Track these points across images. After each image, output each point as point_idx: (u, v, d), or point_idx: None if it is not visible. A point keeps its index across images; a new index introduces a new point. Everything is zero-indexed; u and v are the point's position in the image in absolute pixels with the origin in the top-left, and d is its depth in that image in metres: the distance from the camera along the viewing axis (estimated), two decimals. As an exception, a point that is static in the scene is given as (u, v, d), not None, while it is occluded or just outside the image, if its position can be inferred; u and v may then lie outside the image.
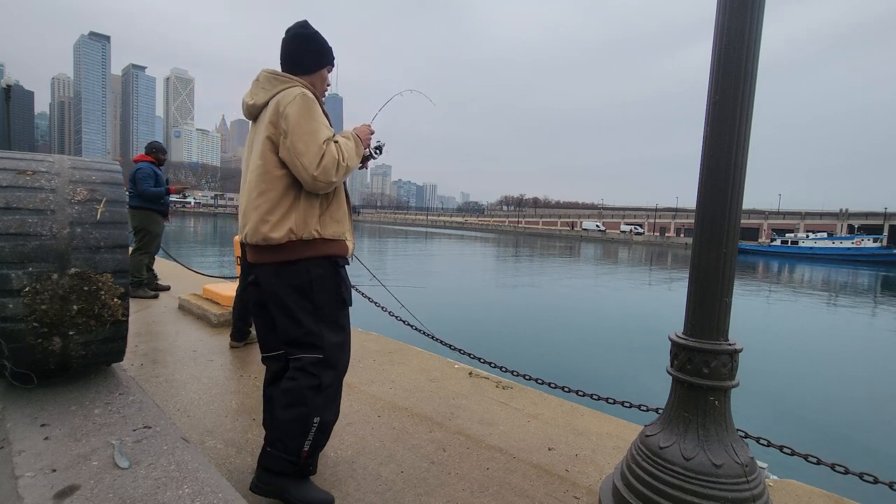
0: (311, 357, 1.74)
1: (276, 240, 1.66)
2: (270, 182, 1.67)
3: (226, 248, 25.42)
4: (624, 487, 1.61)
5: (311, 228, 1.70)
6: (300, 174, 1.64)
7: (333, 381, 1.77)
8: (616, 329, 11.80)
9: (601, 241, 71.35)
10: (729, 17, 1.45)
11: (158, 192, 5.38)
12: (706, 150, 1.51)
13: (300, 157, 1.62)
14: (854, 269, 37.08)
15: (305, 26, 1.86)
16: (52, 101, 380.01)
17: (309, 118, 1.65)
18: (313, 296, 1.74)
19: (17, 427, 1.67)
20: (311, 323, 1.74)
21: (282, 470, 1.72)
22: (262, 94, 1.77)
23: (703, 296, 1.53)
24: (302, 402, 1.71)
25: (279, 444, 1.71)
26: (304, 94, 1.70)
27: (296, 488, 1.73)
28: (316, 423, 1.71)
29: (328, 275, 1.77)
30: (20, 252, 1.81)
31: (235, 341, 3.69)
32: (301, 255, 1.71)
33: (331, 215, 1.77)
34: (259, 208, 1.67)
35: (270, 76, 1.79)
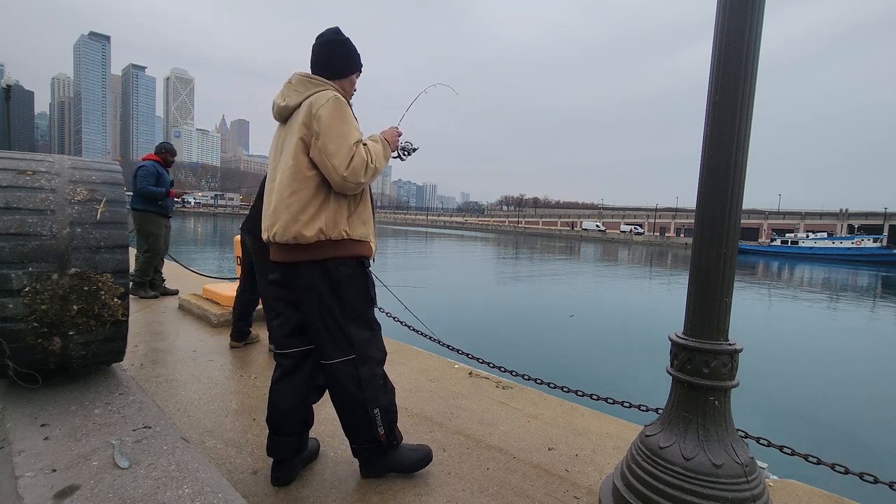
0: (346, 359, 1.81)
1: (308, 238, 1.70)
2: (302, 182, 1.72)
3: (226, 249, 25.41)
4: (624, 487, 1.61)
5: (341, 229, 1.75)
6: (330, 175, 1.69)
7: (372, 372, 1.85)
8: (616, 329, 11.81)
9: (601, 241, 71.35)
10: (729, 17, 1.45)
11: (157, 191, 5.28)
12: (706, 150, 1.51)
13: (331, 157, 1.67)
14: (854, 269, 37.08)
15: (338, 33, 1.92)
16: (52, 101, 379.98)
17: (341, 121, 1.70)
18: (343, 295, 1.79)
19: (17, 427, 1.67)
20: (341, 323, 1.80)
21: (373, 456, 1.91)
22: (294, 97, 1.81)
23: (703, 296, 1.53)
24: (355, 402, 1.83)
25: (358, 439, 1.89)
26: (337, 97, 1.75)
27: (394, 460, 1.93)
28: (376, 412, 1.84)
29: (357, 274, 1.82)
30: (20, 252, 1.81)
31: (235, 341, 3.69)
32: (330, 254, 1.75)
33: (358, 216, 1.82)
34: (290, 207, 1.71)
35: (303, 79, 1.83)
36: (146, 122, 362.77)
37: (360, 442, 1.90)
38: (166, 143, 5.71)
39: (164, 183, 5.38)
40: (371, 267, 1.94)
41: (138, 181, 5.21)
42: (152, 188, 5.25)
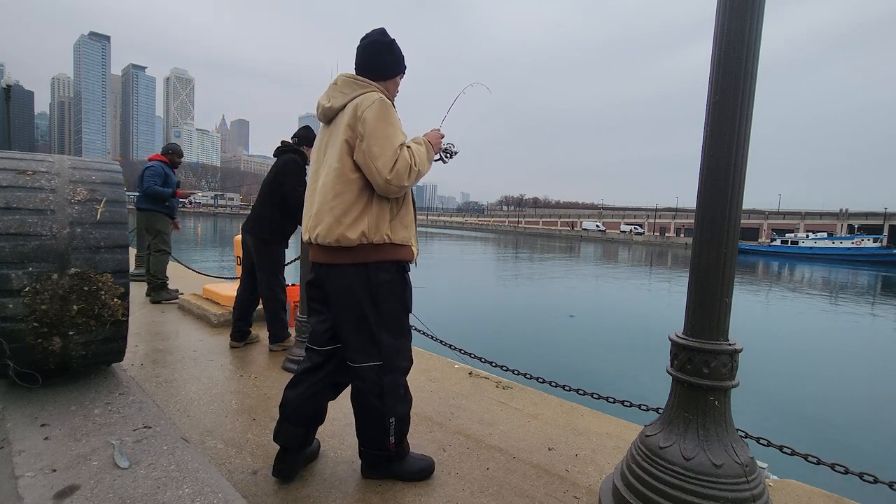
0: (372, 365, 1.82)
1: (351, 241, 1.71)
2: (346, 185, 1.72)
3: (226, 249, 25.41)
4: (624, 487, 1.61)
5: (383, 232, 1.75)
6: (374, 177, 1.69)
7: (396, 381, 1.86)
8: (616, 329, 11.81)
9: (601, 241, 71.37)
10: (729, 17, 1.45)
11: (164, 192, 5.25)
12: (706, 150, 1.51)
13: (375, 160, 1.67)
14: (854, 269, 37.07)
15: (384, 34, 1.92)
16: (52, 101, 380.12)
17: (385, 123, 1.70)
18: (379, 300, 1.79)
19: (17, 427, 1.67)
20: (373, 328, 1.80)
21: (378, 462, 1.92)
22: (339, 98, 1.81)
23: (703, 296, 1.53)
24: (372, 409, 1.84)
25: (368, 444, 1.90)
26: (382, 99, 1.75)
27: (399, 467, 1.93)
28: (392, 422, 1.85)
29: (396, 279, 1.82)
30: (20, 252, 1.81)
31: (235, 341, 3.69)
32: (371, 258, 1.76)
33: (401, 220, 1.82)
34: (334, 210, 1.72)
35: (349, 80, 1.83)
36: (146, 122, 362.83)
37: (369, 446, 1.91)
38: (173, 144, 5.71)
39: (170, 184, 5.36)
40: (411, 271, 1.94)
41: (146, 181, 5.17)
42: (159, 188, 5.22)
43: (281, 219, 3.50)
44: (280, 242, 3.57)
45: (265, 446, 2.18)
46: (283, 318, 3.64)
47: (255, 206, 3.61)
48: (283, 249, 3.64)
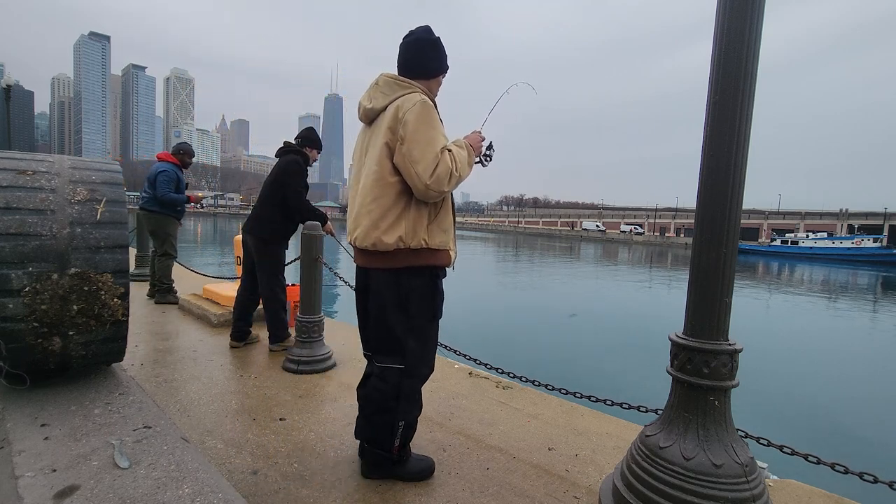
0: (394, 367, 1.83)
1: (387, 246, 1.70)
2: (384, 188, 1.70)
3: (226, 249, 25.41)
4: (624, 487, 1.61)
5: (420, 237, 1.74)
6: (413, 182, 1.66)
7: (413, 387, 1.88)
8: (616, 329, 11.81)
9: (601, 241, 71.37)
10: (729, 17, 1.45)
11: (179, 198, 5.18)
12: (706, 150, 1.51)
13: (415, 164, 1.64)
14: (854, 269, 37.07)
15: (430, 32, 1.89)
16: (52, 101, 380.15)
17: (427, 126, 1.67)
18: (409, 305, 1.80)
19: (17, 427, 1.67)
20: (400, 332, 1.81)
21: (380, 462, 1.91)
22: (381, 99, 1.78)
23: (703, 296, 1.53)
24: (386, 409, 1.84)
25: (373, 442, 1.90)
26: (424, 101, 1.72)
27: (400, 469, 1.94)
28: (401, 425, 1.87)
29: (427, 286, 1.82)
30: (20, 252, 1.81)
31: (235, 341, 3.69)
32: (406, 263, 1.76)
33: (438, 224, 1.80)
34: (371, 214, 1.71)
35: (391, 80, 1.81)
36: (146, 122, 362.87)
37: (373, 445, 1.91)
38: (185, 143, 5.55)
39: (182, 188, 5.29)
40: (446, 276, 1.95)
41: (160, 188, 5.04)
42: (175, 196, 5.14)
43: (281, 219, 3.50)
44: (280, 243, 3.56)
45: (265, 446, 2.18)
46: (284, 318, 3.64)
47: (256, 206, 3.61)
48: (283, 250, 3.64)
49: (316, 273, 3.29)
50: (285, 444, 2.21)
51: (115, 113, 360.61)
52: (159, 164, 5.22)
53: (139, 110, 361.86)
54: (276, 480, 1.91)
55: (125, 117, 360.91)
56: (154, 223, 5.21)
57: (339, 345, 3.84)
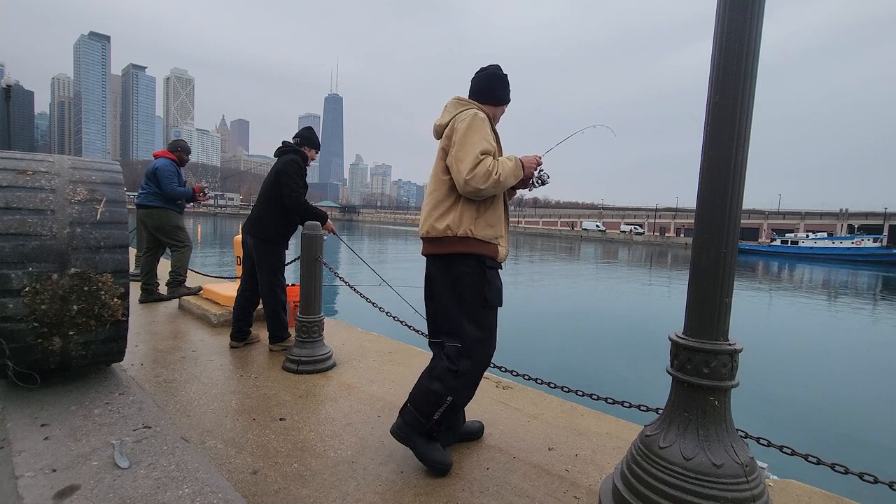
0: (453, 345, 1.99)
1: (437, 231, 1.97)
2: (438, 184, 2.02)
3: (226, 248, 25.41)
4: (624, 487, 1.61)
5: (466, 227, 1.95)
6: (455, 177, 1.92)
7: (470, 370, 1.99)
8: (616, 329, 11.81)
9: (601, 241, 71.34)
10: (729, 17, 1.45)
11: (185, 192, 5.16)
12: (706, 150, 1.51)
13: (459, 162, 1.90)
14: (854, 269, 37.06)
15: (500, 69, 2.19)
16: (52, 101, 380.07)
17: (473, 132, 1.92)
18: (460, 290, 1.98)
19: (17, 427, 1.67)
20: (456, 314, 1.99)
21: (412, 423, 2.00)
22: (447, 116, 2.08)
23: (702, 296, 1.53)
24: (440, 380, 1.97)
25: (416, 403, 2.00)
26: (477, 113, 1.99)
27: (422, 445, 2.02)
28: (448, 401, 1.96)
29: (474, 273, 1.98)
30: (20, 252, 1.81)
31: (235, 341, 3.69)
32: (453, 249, 1.97)
33: (486, 220, 1.99)
34: (428, 205, 2.04)
35: (456, 101, 2.12)
36: (146, 122, 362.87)
37: (415, 406, 2.01)
38: (182, 140, 5.53)
39: (182, 183, 5.26)
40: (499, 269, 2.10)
41: (164, 182, 5.01)
42: (181, 189, 5.13)
43: (280, 219, 3.50)
44: (280, 243, 3.56)
45: (265, 446, 2.18)
46: (283, 318, 3.64)
47: (255, 206, 3.61)
48: (283, 250, 3.63)
49: (316, 273, 3.29)
50: (285, 444, 2.21)
51: (115, 113, 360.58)
52: (158, 160, 5.18)
53: (139, 110, 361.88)
54: (276, 480, 1.91)
55: (125, 117, 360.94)
56: (157, 219, 5.13)
57: (339, 345, 3.84)
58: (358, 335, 4.26)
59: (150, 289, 5.20)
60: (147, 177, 5.13)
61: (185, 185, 5.34)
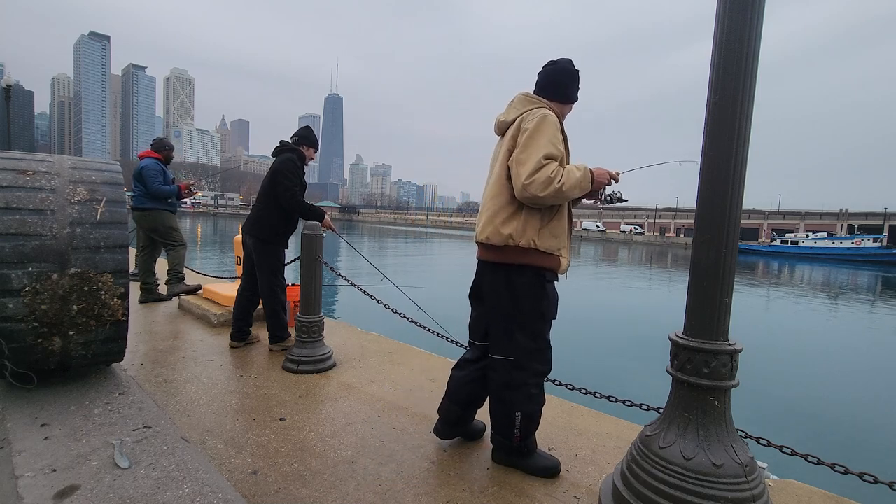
0: (504, 359, 1.95)
1: (498, 240, 1.87)
2: (502, 188, 1.89)
3: (226, 248, 25.40)
4: (624, 487, 1.61)
5: (529, 238, 1.85)
6: (514, 181, 1.82)
7: (526, 380, 1.95)
8: (616, 329, 11.81)
9: (601, 240, 71.33)
10: (729, 17, 1.45)
11: (170, 190, 5.15)
12: (706, 150, 1.51)
13: (519, 165, 1.79)
14: (854, 269, 37.06)
15: (571, 63, 2.07)
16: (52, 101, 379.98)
17: (540, 134, 1.81)
18: (517, 302, 1.91)
19: (17, 427, 1.67)
20: (508, 326, 1.94)
21: (503, 448, 2.04)
22: (513, 113, 1.97)
23: (702, 296, 1.53)
24: (501, 400, 1.98)
25: (497, 430, 2.04)
26: (547, 114, 1.86)
27: (523, 462, 2.03)
28: (517, 416, 1.95)
29: (533, 285, 1.90)
30: (20, 252, 1.81)
31: (235, 341, 3.69)
32: (514, 260, 1.88)
33: (550, 230, 1.89)
34: (489, 210, 1.91)
35: (524, 98, 2.00)
36: (146, 122, 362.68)
37: (497, 432, 2.04)
38: (165, 139, 5.53)
39: (168, 180, 5.25)
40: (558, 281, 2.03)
41: (149, 182, 5.01)
42: (166, 187, 5.12)
43: (279, 219, 3.50)
44: (279, 242, 3.56)
45: (265, 446, 2.18)
46: (283, 318, 3.64)
47: (255, 206, 3.61)
48: (282, 249, 3.63)
49: (316, 273, 3.29)
50: (285, 444, 2.21)
51: (115, 113, 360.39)
52: (143, 160, 5.18)
53: (139, 110, 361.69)
54: (276, 480, 1.91)
55: (125, 117, 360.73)
56: (152, 220, 5.14)
57: (339, 345, 3.84)
58: (358, 335, 4.26)
59: (149, 288, 5.21)
60: (135, 178, 5.12)
61: (172, 182, 5.33)
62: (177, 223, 5.35)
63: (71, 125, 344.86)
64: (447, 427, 2.22)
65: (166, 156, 5.35)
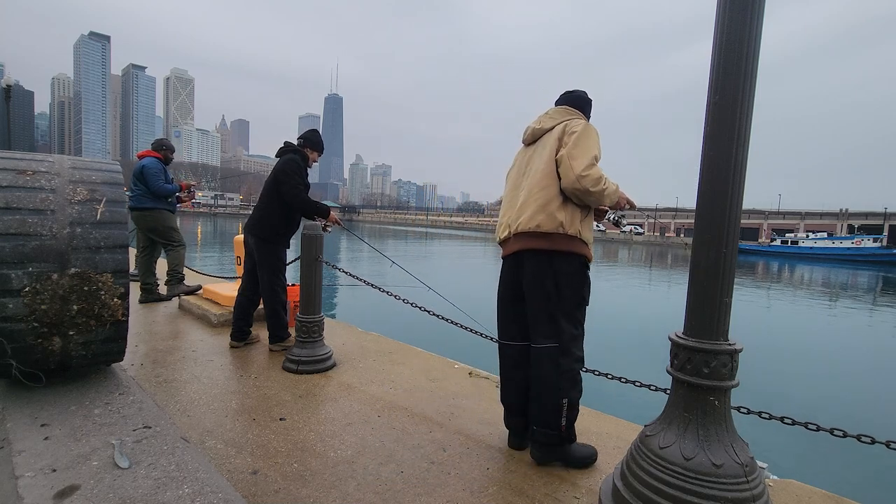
0: (550, 346, 2.01)
1: (549, 227, 1.96)
2: (552, 180, 2.00)
3: (226, 249, 25.40)
4: (624, 487, 1.61)
5: (576, 227, 1.99)
6: (566, 172, 1.93)
7: (571, 366, 2.02)
8: (616, 328, 11.80)
9: (601, 240, 71.32)
10: (729, 17, 1.45)
11: (173, 188, 5.16)
12: (706, 150, 1.51)
13: (573, 159, 1.93)
14: (854, 269, 37.05)
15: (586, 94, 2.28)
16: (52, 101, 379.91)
17: (590, 139, 1.98)
18: (561, 289, 2.00)
19: (17, 427, 1.67)
20: (554, 311, 2.01)
21: (549, 442, 2.05)
22: (550, 122, 2.13)
23: (702, 296, 1.53)
24: (549, 390, 2.01)
25: (541, 424, 2.04)
26: (591, 124, 2.05)
27: (566, 452, 2.08)
28: (565, 403, 2.00)
29: (577, 272, 2.02)
30: (20, 252, 1.81)
31: (235, 341, 3.69)
32: (563, 247, 1.98)
33: (588, 224, 2.06)
34: (538, 200, 1.99)
35: (562, 109, 2.18)
36: (146, 122, 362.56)
37: (541, 426, 2.04)
38: (165, 139, 5.54)
39: (169, 180, 5.25)
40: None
41: (150, 181, 5.00)
42: (168, 186, 5.12)
43: (281, 219, 3.51)
44: (280, 242, 3.57)
45: (265, 446, 2.18)
46: (284, 318, 3.64)
47: (257, 206, 3.62)
48: (283, 249, 3.64)
49: (316, 273, 3.29)
50: (285, 444, 2.21)
51: (115, 113, 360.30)
52: (143, 159, 5.17)
53: (139, 110, 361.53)
54: (276, 480, 1.91)
55: (125, 117, 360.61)
56: (151, 220, 5.13)
57: (339, 345, 3.84)
58: (358, 335, 4.26)
59: (149, 288, 5.20)
60: (135, 177, 5.09)
61: (172, 182, 5.33)
62: (176, 223, 5.35)
63: (71, 125, 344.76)
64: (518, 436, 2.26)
65: (166, 156, 5.34)
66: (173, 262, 5.23)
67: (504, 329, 2.24)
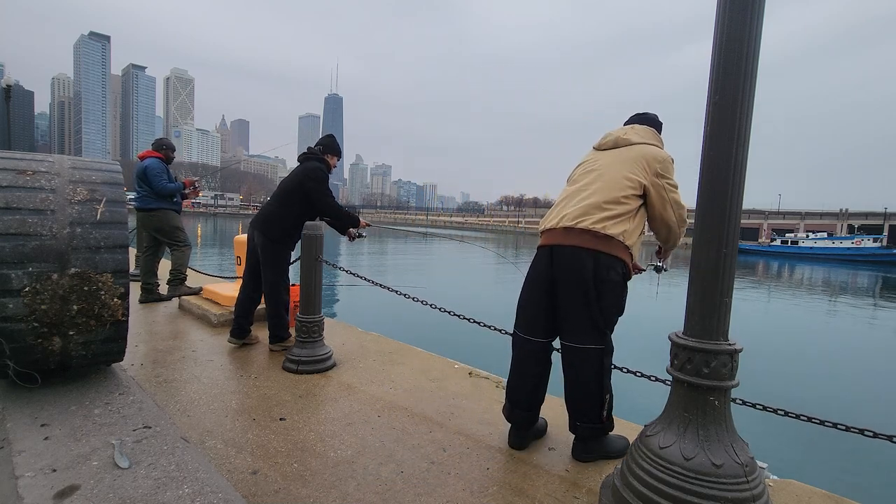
0: (596, 348, 2.07)
1: (611, 231, 2.02)
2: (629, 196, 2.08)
3: (226, 248, 25.40)
4: (624, 487, 1.61)
5: (633, 239, 2.08)
6: (670, 217, 2.14)
7: (610, 364, 2.15)
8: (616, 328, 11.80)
9: (601, 241, 71.18)
10: (729, 17, 1.45)
11: (176, 187, 5.15)
12: (706, 150, 1.51)
13: (680, 208, 2.14)
14: (854, 270, 37.04)
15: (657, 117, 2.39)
16: (52, 101, 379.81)
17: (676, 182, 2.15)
18: (604, 294, 2.04)
19: (17, 427, 1.67)
20: (597, 314, 2.05)
21: (592, 436, 2.14)
22: (636, 137, 2.21)
23: (702, 296, 1.53)
24: (593, 387, 2.08)
25: (583, 419, 2.12)
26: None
27: (606, 445, 2.18)
28: (608, 398, 2.11)
29: (621, 282, 2.09)
30: (20, 252, 1.81)
31: (235, 338, 3.69)
32: (616, 252, 2.04)
33: (638, 241, 2.16)
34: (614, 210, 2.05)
35: (650, 130, 2.27)
36: (146, 122, 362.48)
37: (584, 421, 2.11)
38: (166, 139, 5.53)
39: (171, 180, 5.23)
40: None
41: (154, 181, 4.99)
42: (171, 185, 5.11)
43: (293, 220, 3.53)
44: (288, 244, 3.59)
45: (265, 446, 2.18)
46: (285, 317, 3.64)
47: (270, 204, 3.63)
48: (289, 251, 3.66)
49: (316, 273, 3.30)
50: (285, 444, 2.21)
51: (115, 113, 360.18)
52: (145, 160, 5.15)
53: (139, 110, 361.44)
54: (276, 480, 1.91)
55: (125, 117, 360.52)
56: (157, 220, 5.12)
57: (339, 345, 3.84)
58: (358, 335, 4.26)
59: (150, 288, 5.19)
60: (138, 178, 5.08)
61: (175, 180, 5.31)
62: (181, 223, 5.34)
63: (71, 125, 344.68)
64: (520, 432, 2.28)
65: (167, 155, 5.33)
66: (177, 263, 5.23)
67: (530, 323, 2.21)
